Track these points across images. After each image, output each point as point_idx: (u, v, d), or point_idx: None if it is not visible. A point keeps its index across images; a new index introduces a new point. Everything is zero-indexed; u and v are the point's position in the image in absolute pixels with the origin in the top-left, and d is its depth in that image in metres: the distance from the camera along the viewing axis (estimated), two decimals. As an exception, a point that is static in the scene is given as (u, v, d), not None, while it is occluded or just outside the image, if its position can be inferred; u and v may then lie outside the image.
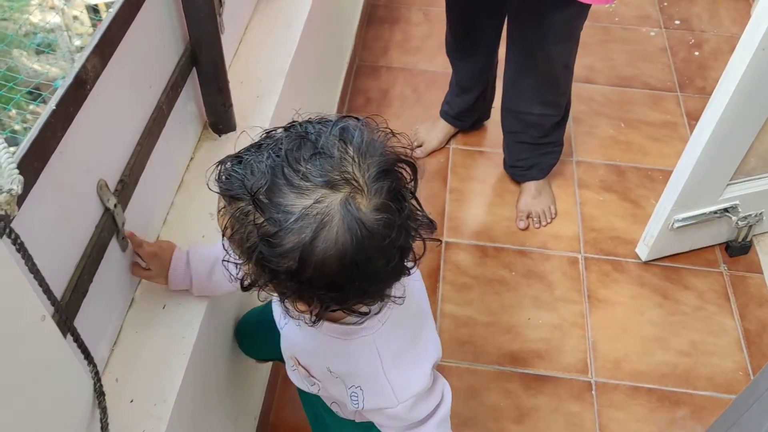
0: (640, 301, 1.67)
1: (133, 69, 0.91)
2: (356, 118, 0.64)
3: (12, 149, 0.58)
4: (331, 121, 0.63)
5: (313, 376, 0.85)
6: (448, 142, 2.01)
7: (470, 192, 1.91)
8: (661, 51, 2.35)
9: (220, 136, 1.20)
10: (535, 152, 1.76)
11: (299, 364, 0.86)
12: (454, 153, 2.01)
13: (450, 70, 1.93)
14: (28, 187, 0.65)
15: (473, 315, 1.64)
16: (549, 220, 1.81)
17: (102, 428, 0.64)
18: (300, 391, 1.01)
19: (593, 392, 1.51)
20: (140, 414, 0.87)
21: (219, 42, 1.11)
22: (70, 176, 0.77)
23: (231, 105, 1.17)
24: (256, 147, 0.63)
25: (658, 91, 2.21)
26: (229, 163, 0.63)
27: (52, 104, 0.71)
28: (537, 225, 1.80)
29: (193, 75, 1.12)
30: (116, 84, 0.85)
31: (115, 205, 0.87)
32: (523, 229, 1.80)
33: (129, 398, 0.88)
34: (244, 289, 0.66)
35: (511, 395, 1.50)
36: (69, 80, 0.74)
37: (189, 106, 1.13)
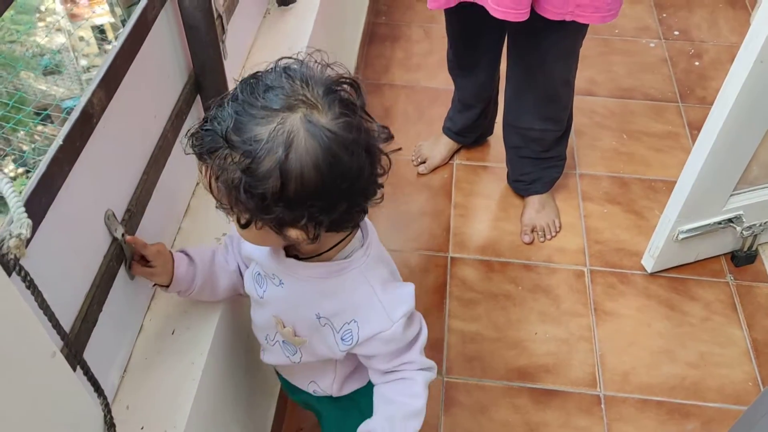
0: (646, 313, 1.67)
1: (137, 100, 0.92)
2: (295, 58, 0.72)
3: (20, 189, 0.59)
4: (272, 65, 0.71)
5: (298, 335, 0.88)
6: (451, 157, 2.03)
7: (475, 207, 1.92)
8: (661, 62, 2.36)
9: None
10: (537, 167, 1.77)
11: (284, 326, 0.89)
12: (458, 168, 2.02)
13: (452, 87, 1.95)
14: (36, 222, 0.66)
15: (480, 330, 1.64)
16: (554, 234, 1.82)
17: (113, 459, 0.65)
18: (297, 399, 1.09)
19: (602, 406, 1.51)
20: (151, 441, 0.88)
21: (222, 68, 1.12)
22: (78, 208, 0.78)
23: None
24: (217, 106, 0.70)
25: (659, 101, 2.21)
26: (197, 127, 0.71)
27: (59, 140, 0.73)
28: (542, 239, 1.81)
29: (198, 101, 1.13)
30: (121, 115, 0.87)
31: (123, 235, 0.88)
32: (528, 244, 1.80)
33: (140, 425, 0.89)
34: (242, 226, 0.72)
35: (520, 410, 1.50)
36: (75, 115, 0.76)
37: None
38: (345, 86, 0.71)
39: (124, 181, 0.91)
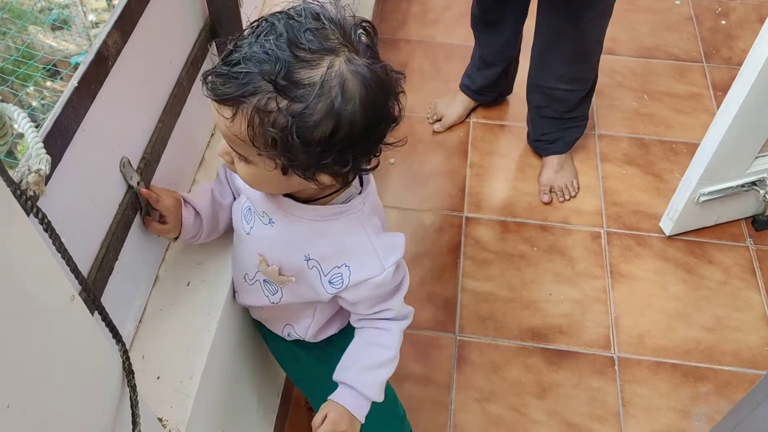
0: (663, 276, 1.65)
1: (153, 45, 0.89)
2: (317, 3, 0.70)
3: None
4: (300, 5, 0.69)
5: (283, 274, 0.87)
6: (468, 116, 1.99)
7: (491, 167, 1.89)
8: (686, 20, 2.29)
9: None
10: (559, 126, 1.73)
11: (268, 265, 0.88)
12: (475, 127, 1.98)
13: (470, 43, 1.90)
14: (52, 165, 0.65)
15: (494, 290, 1.63)
16: (572, 195, 1.79)
17: (132, 406, 0.64)
18: (272, 347, 1.10)
19: (616, 368, 1.50)
20: (167, 390, 0.87)
21: (239, 14, 1.09)
22: (93, 154, 0.76)
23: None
24: (247, 44, 0.66)
25: (682, 61, 2.16)
26: (224, 68, 0.66)
27: (74, 81, 0.70)
28: (560, 199, 1.78)
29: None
30: (137, 60, 0.84)
31: (138, 183, 0.86)
32: (546, 203, 1.78)
33: (156, 375, 0.89)
34: (283, 172, 0.71)
35: (533, 370, 1.50)
36: (90, 56, 0.73)
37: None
38: (362, 30, 0.70)
39: (139, 129, 0.88)
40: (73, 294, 0.53)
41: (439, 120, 1.95)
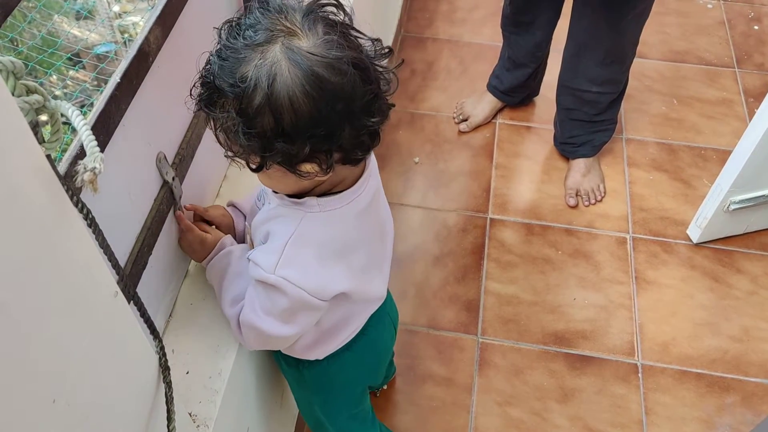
0: (690, 284, 1.63)
1: (191, 40, 0.90)
2: None
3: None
4: (249, 5, 0.70)
5: (255, 247, 0.85)
6: (494, 116, 1.98)
7: (517, 168, 1.87)
8: (718, 24, 2.26)
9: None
10: (588, 129, 1.71)
11: (249, 236, 0.90)
12: (501, 128, 1.97)
13: (498, 43, 1.89)
14: (95, 160, 0.65)
15: (518, 293, 1.62)
16: (598, 199, 1.77)
17: (167, 402, 0.64)
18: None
19: (639, 375, 1.48)
20: (196, 386, 0.88)
21: (273, 13, 1.09)
22: (132, 149, 0.77)
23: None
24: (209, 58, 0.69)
25: (713, 66, 2.13)
26: (193, 84, 0.71)
27: (116, 77, 0.71)
28: (586, 203, 1.76)
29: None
30: (175, 56, 0.84)
31: (174, 178, 0.87)
32: (572, 207, 1.76)
33: (185, 370, 0.89)
34: (255, 170, 0.71)
35: (555, 375, 1.49)
36: (132, 52, 0.73)
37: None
38: (327, 8, 0.69)
39: (175, 124, 0.89)
40: (116, 290, 0.54)
41: (466, 120, 1.94)
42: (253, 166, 0.70)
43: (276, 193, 0.80)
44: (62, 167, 0.62)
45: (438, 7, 2.33)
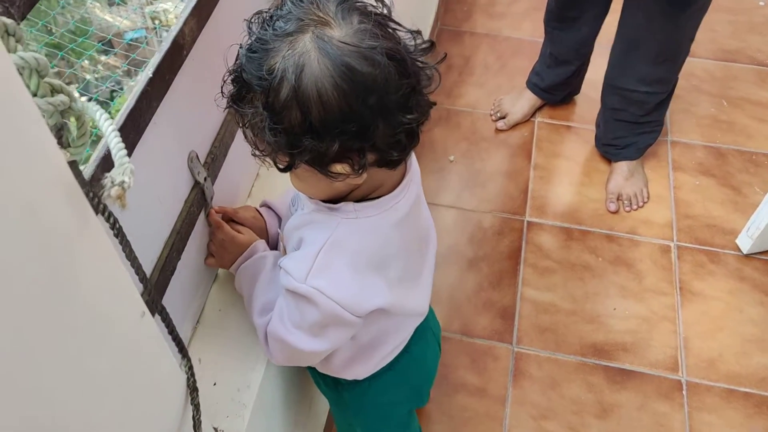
0: (738, 297, 1.55)
1: (226, 34, 0.84)
2: None
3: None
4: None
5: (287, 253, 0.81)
6: (533, 115, 1.90)
7: (556, 169, 1.80)
8: (771, 22, 2.15)
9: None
10: (633, 131, 1.63)
11: (282, 242, 0.84)
12: (540, 127, 1.89)
13: (538, 39, 1.81)
14: (124, 163, 0.60)
15: (555, 301, 1.55)
16: (641, 204, 1.69)
17: (195, 426, 0.59)
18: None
19: (683, 392, 1.41)
20: (224, 398, 0.83)
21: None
22: (163, 149, 0.72)
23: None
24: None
25: (766, 67, 2.02)
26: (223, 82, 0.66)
27: (149, 71, 0.66)
28: (628, 208, 1.69)
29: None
30: (210, 49, 0.79)
31: (205, 179, 0.82)
32: (613, 212, 1.69)
33: (212, 381, 0.84)
34: (283, 170, 0.66)
35: (594, 389, 1.42)
36: (166, 45, 0.68)
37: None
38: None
39: (208, 122, 0.84)
40: (143, 310, 0.49)
41: (503, 117, 1.87)
42: (281, 166, 0.65)
43: (311, 198, 0.74)
44: (88, 170, 0.57)
45: (476, 0, 2.25)
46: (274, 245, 0.90)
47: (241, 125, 0.65)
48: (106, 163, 0.57)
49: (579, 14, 1.58)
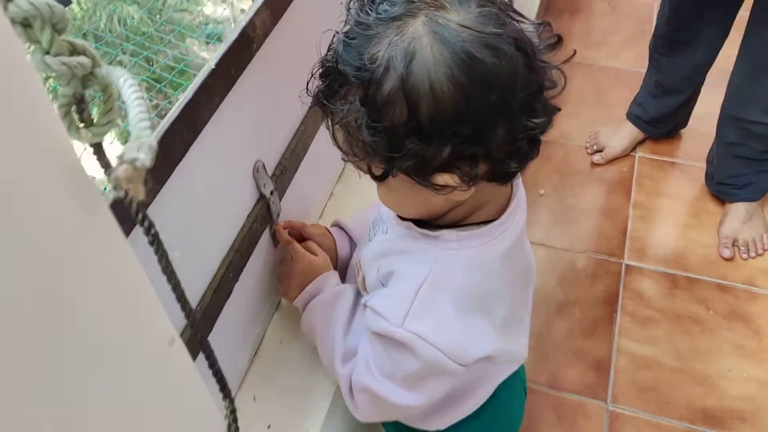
0: None
1: (303, 31, 0.76)
2: None
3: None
4: None
5: (366, 286, 0.70)
6: (633, 149, 1.74)
7: (659, 209, 1.62)
8: None
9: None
10: (753, 169, 1.45)
11: (359, 271, 0.72)
12: (641, 162, 1.73)
13: (638, 69, 1.67)
14: (172, 162, 0.52)
15: (658, 356, 1.37)
16: (760, 251, 1.49)
17: (235, 483, 0.49)
18: None
19: (814, 475, 1.19)
20: (278, 444, 0.73)
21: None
22: (223, 153, 0.63)
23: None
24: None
25: None
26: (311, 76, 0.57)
27: (211, 62, 0.58)
28: (744, 255, 1.49)
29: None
30: (284, 47, 0.71)
31: (272, 192, 0.73)
32: (727, 259, 1.49)
33: (266, 423, 0.74)
34: (379, 178, 0.56)
35: (704, 462, 1.22)
36: (233, 36, 0.60)
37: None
38: None
39: (279, 128, 0.75)
40: (173, 336, 0.39)
41: (600, 151, 1.72)
42: (377, 173, 0.55)
43: (402, 219, 0.64)
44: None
45: (572, 28, 2.13)
46: (343, 271, 0.79)
47: (330, 125, 0.56)
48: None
49: (693, 37, 1.43)
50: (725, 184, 1.53)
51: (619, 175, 1.71)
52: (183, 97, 0.54)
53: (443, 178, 0.53)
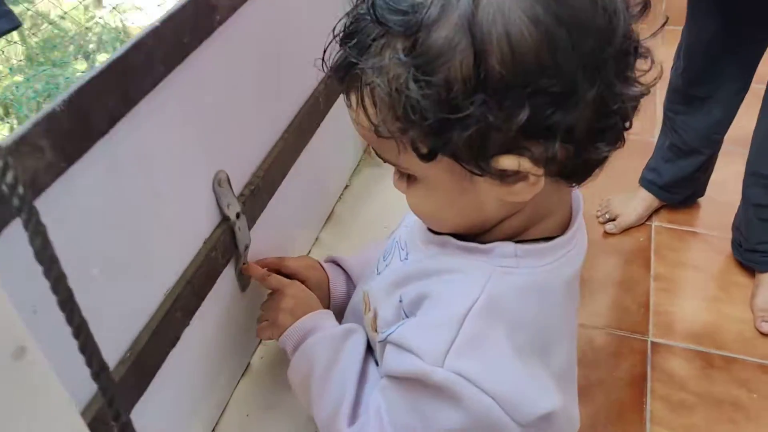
0: None
1: (283, 16, 0.64)
2: None
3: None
4: None
5: (377, 326, 0.53)
6: (648, 218, 1.61)
7: (682, 281, 1.47)
8: None
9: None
10: (785, 234, 1.31)
11: (369, 309, 0.55)
12: (658, 232, 1.59)
13: (647, 138, 1.57)
14: (87, 133, 0.37)
15: (699, 448, 1.17)
16: (802, 326, 1.33)
17: None
18: None
19: None
20: None
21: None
22: (173, 144, 0.49)
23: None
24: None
25: None
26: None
27: (155, 21, 0.44)
28: (785, 331, 1.32)
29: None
30: (259, 31, 0.58)
31: (238, 216, 0.58)
32: (765, 335, 1.32)
33: None
34: (425, 156, 0.41)
35: None
36: (189, -1, 0.47)
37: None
38: None
39: (250, 137, 0.61)
40: (22, 345, 0.23)
41: (613, 219, 1.59)
42: (424, 150, 0.41)
43: (435, 234, 0.49)
44: None
45: (574, 99, 2.05)
46: (338, 314, 0.62)
47: (357, 94, 0.43)
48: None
49: (711, 92, 1.34)
50: (755, 251, 1.38)
51: (635, 245, 1.57)
52: (113, 54, 0.40)
53: (509, 161, 0.39)
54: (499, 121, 0.37)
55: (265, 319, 0.60)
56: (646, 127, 1.55)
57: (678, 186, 1.55)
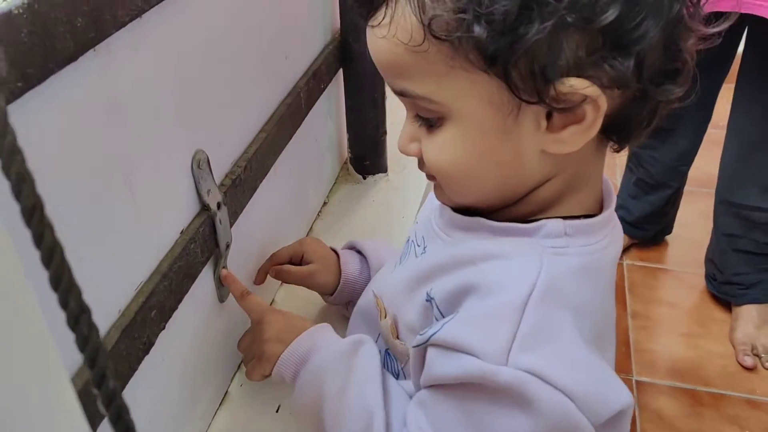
0: None
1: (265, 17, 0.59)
2: None
3: None
4: None
5: (398, 333, 0.47)
6: (620, 257, 1.58)
7: (660, 318, 1.43)
8: None
9: (364, 178, 0.84)
10: (760, 266, 1.29)
11: (384, 315, 0.48)
12: (630, 270, 1.56)
13: (613, 177, 1.56)
14: (23, 78, 0.30)
15: (698, 490, 1.10)
16: (784, 359, 1.29)
17: None
18: None
19: None
20: None
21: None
22: (139, 102, 0.41)
23: (385, 132, 0.82)
24: None
25: None
26: None
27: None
28: (767, 363, 1.29)
29: (338, 83, 0.79)
30: (238, 19, 0.52)
31: (219, 206, 0.50)
32: (749, 368, 1.29)
33: None
34: (489, 60, 0.34)
35: None
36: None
37: (328, 125, 0.79)
38: None
39: (231, 123, 0.54)
40: None
41: (584, 258, 1.55)
42: (490, 50, 0.34)
43: (461, 215, 0.43)
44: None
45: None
46: (350, 295, 0.54)
47: (389, 27, 0.36)
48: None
49: (676, 124, 1.34)
50: (731, 283, 1.36)
51: (608, 284, 1.53)
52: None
53: (578, 83, 0.34)
54: (586, 15, 0.32)
55: (250, 358, 0.52)
56: (609, 170, 1.55)
57: (648, 222, 1.53)
